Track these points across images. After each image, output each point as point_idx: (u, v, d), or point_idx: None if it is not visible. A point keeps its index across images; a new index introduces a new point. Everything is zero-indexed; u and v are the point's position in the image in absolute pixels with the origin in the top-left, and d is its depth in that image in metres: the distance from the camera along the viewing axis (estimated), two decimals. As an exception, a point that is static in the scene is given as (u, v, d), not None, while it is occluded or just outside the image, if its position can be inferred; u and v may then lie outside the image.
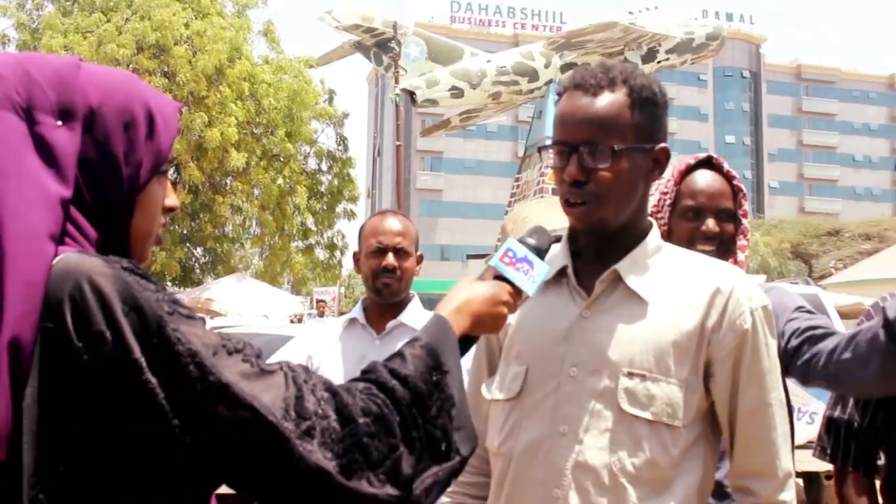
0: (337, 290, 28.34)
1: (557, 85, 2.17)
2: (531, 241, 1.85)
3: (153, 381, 1.20)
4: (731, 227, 2.75)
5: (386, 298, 3.38)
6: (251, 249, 30.57)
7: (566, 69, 20.77)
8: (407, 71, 20.99)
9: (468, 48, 22.17)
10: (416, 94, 20.67)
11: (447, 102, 21.45)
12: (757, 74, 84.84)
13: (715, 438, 2.06)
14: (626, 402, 1.94)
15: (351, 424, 1.29)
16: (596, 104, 1.99)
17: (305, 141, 28.06)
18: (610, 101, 1.99)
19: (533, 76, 20.99)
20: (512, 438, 2.07)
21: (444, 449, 1.40)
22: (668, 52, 22.00)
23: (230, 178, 26.76)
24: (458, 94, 20.84)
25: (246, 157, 25.16)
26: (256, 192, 27.29)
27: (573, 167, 1.98)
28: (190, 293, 23.30)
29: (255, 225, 28.58)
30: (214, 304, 20.58)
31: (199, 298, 21.06)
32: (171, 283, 26.55)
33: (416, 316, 3.38)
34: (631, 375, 1.94)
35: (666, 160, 2.08)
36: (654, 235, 2.11)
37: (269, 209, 27.07)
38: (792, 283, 13.92)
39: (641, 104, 2.01)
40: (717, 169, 2.80)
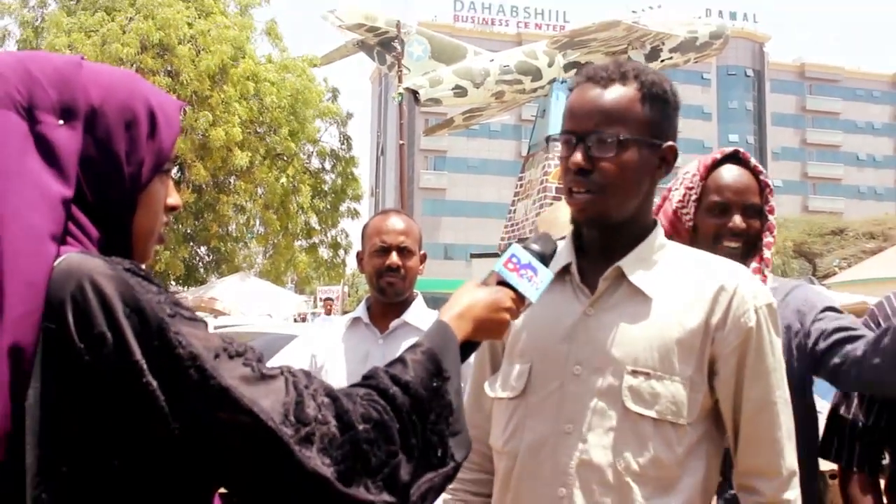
0: (341, 289, 28.36)
1: (569, 82, 2.17)
2: (535, 247, 1.85)
3: (154, 383, 1.20)
4: (757, 223, 2.73)
5: (390, 297, 3.38)
6: (255, 248, 30.59)
7: (569, 68, 20.77)
8: (410, 70, 20.97)
9: (471, 47, 22.14)
10: (419, 93, 20.63)
11: (450, 101, 21.42)
12: (760, 73, 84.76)
13: (720, 437, 2.05)
14: (630, 400, 1.93)
15: (351, 431, 1.29)
16: (606, 95, 2.00)
17: (309, 140, 28.10)
18: (620, 93, 2.00)
19: (536, 75, 20.97)
20: (516, 437, 2.07)
21: (440, 455, 1.41)
22: (671, 50, 21.97)
23: (234, 177, 26.81)
24: (461, 93, 20.81)
25: (249, 156, 25.21)
26: (260, 191, 27.35)
27: (579, 155, 1.98)
28: (194, 292, 23.39)
29: (258, 224, 28.65)
30: (218, 303, 20.63)
31: (202, 297, 21.13)
32: (175, 282, 26.62)
33: (419, 315, 3.38)
34: (635, 373, 1.94)
35: (674, 159, 2.08)
36: (658, 233, 2.11)
37: (272, 208, 27.12)
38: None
39: (652, 99, 2.02)
40: (743, 163, 2.78)
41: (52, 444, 1.19)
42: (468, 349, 1.67)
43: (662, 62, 21.92)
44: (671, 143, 2.06)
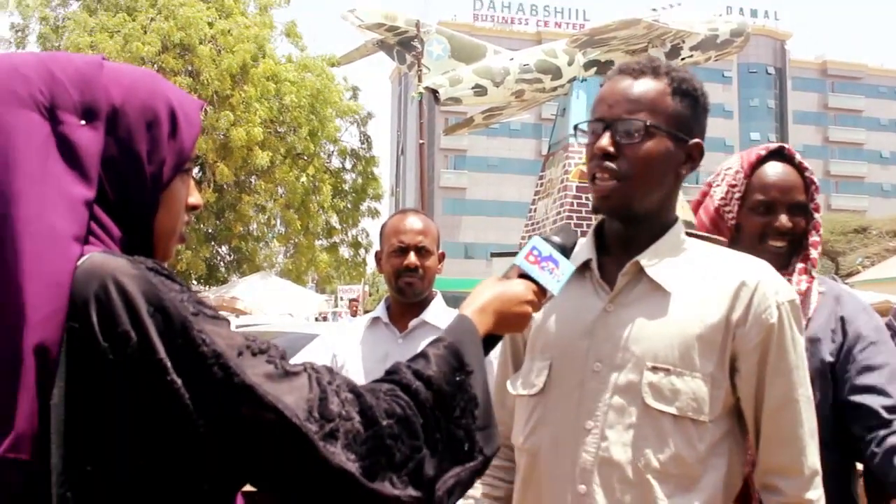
0: (361, 288, 28.39)
1: (598, 79, 2.17)
2: (557, 239, 1.84)
3: (178, 381, 1.20)
4: (802, 221, 2.67)
5: (409, 297, 3.38)
6: (276, 248, 30.69)
7: (589, 66, 20.70)
8: (430, 69, 20.92)
9: (491, 46, 22.08)
10: (439, 92, 20.60)
11: (470, 100, 21.36)
12: (782, 71, 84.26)
13: (742, 434, 2.04)
14: (650, 396, 1.93)
15: (374, 426, 1.29)
16: (636, 86, 2.02)
17: (329, 139, 28.14)
18: (650, 84, 2.01)
19: (556, 74, 20.89)
20: (536, 434, 2.07)
21: (466, 449, 1.40)
22: (692, 48, 21.84)
23: (255, 176, 26.88)
24: (481, 92, 20.76)
25: (270, 155, 25.27)
26: (281, 190, 27.42)
27: (605, 140, 1.99)
28: (215, 291, 23.45)
29: (279, 223, 28.74)
30: (239, 302, 20.68)
31: (224, 297, 21.17)
32: (196, 281, 26.70)
33: (439, 314, 3.38)
34: (655, 370, 1.93)
35: (699, 156, 2.07)
36: (679, 229, 2.10)
37: (293, 207, 27.18)
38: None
39: (681, 94, 2.02)
40: (788, 160, 2.71)
41: (76, 443, 1.20)
42: (491, 343, 1.67)
43: (683, 60, 21.80)
44: (698, 140, 2.06)
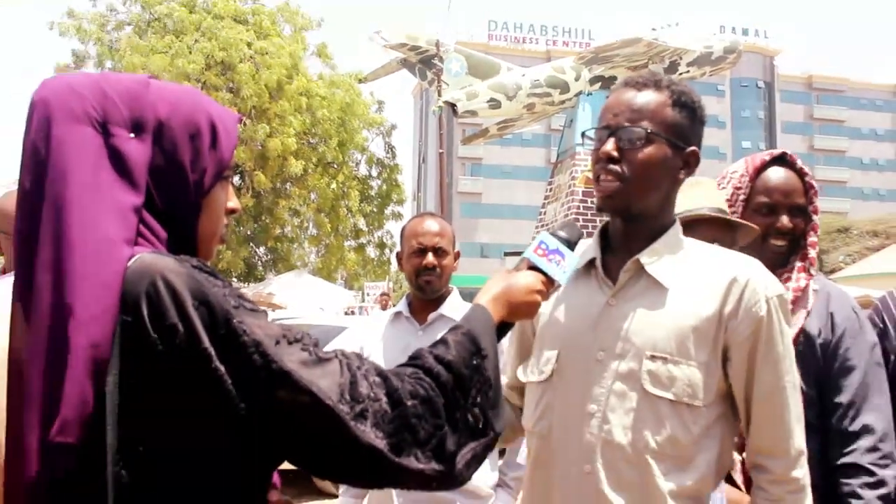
0: (386, 284, 28.42)
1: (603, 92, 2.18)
2: (563, 233, 1.87)
3: (221, 368, 1.22)
4: (802, 222, 2.68)
5: (428, 294, 3.41)
6: (308, 248, 30.72)
7: (594, 82, 20.66)
8: (449, 85, 20.91)
9: (504, 63, 22.04)
10: (457, 105, 20.59)
11: (485, 113, 21.34)
12: (771, 84, 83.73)
13: (734, 418, 2.04)
14: (649, 383, 1.93)
15: (400, 406, 1.31)
16: (639, 96, 2.03)
17: (357, 149, 28.21)
18: (652, 96, 2.03)
19: (564, 88, 20.85)
20: (545, 418, 2.08)
21: (481, 426, 1.42)
22: (688, 64, 21.75)
23: (289, 183, 26.97)
24: (495, 105, 20.74)
25: (303, 164, 25.39)
26: (313, 196, 27.53)
27: (610, 145, 2.00)
28: (253, 288, 23.52)
29: (311, 226, 28.82)
30: (275, 297, 20.71)
31: (261, 293, 21.20)
32: (236, 279, 26.82)
33: (455, 308, 3.40)
34: (654, 358, 1.94)
35: (695, 163, 2.07)
36: (676, 229, 2.11)
37: (324, 212, 27.29)
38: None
39: (680, 106, 2.03)
40: (790, 165, 2.73)
41: (129, 425, 1.22)
42: (504, 329, 1.69)
43: (680, 75, 21.71)
44: (695, 148, 2.06)
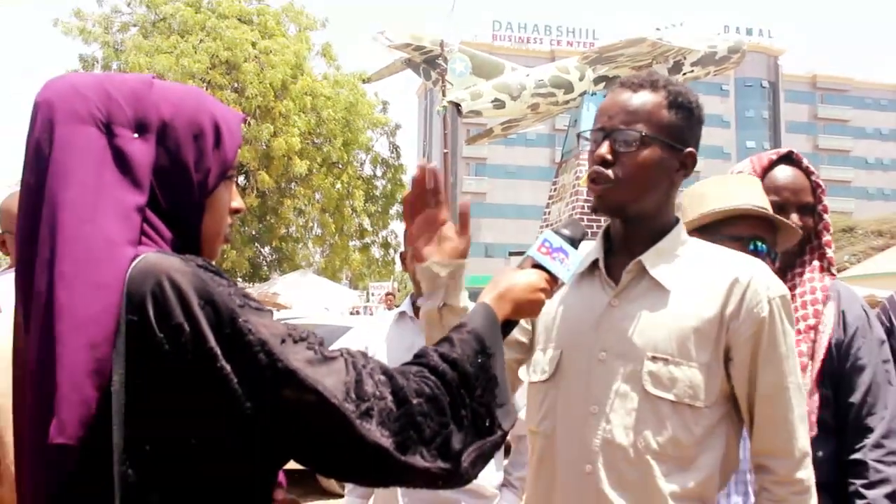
0: (391, 284, 28.43)
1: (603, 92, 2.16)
2: (566, 231, 1.86)
3: (227, 367, 1.22)
4: (811, 221, 2.67)
5: (431, 294, 3.39)
6: (313, 248, 30.75)
7: (598, 81, 20.68)
8: (453, 85, 20.93)
9: (509, 63, 22.06)
10: (461, 105, 20.62)
11: (490, 113, 21.37)
12: (775, 84, 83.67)
13: (738, 419, 2.03)
14: (650, 384, 1.93)
15: (406, 405, 1.31)
16: (634, 98, 2.02)
17: (361, 149, 28.22)
18: (648, 97, 2.02)
19: (568, 88, 20.88)
20: (548, 418, 2.08)
21: (488, 425, 1.42)
22: (692, 64, 21.77)
23: (294, 183, 26.99)
24: (499, 105, 20.77)
25: (308, 164, 25.40)
26: (318, 196, 27.53)
27: (604, 148, 2.00)
28: (258, 288, 23.55)
29: (316, 226, 28.83)
30: (280, 297, 20.70)
31: (266, 293, 21.21)
32: (241, 279, 26.82)
33: None
34: (655, 359, 1.94)
35: (692, 164, 2.06)
36: (678, 229, 2.10)
37: (329, 211, 27.30)
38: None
39: (677, 107, 2.02)
40: (796, 164, 2.73)
41: (136, 424, 1.22)
42: (508, 327, 1.69)
43: (684, 75, 21.72)
44: (692, 149, 2.05)
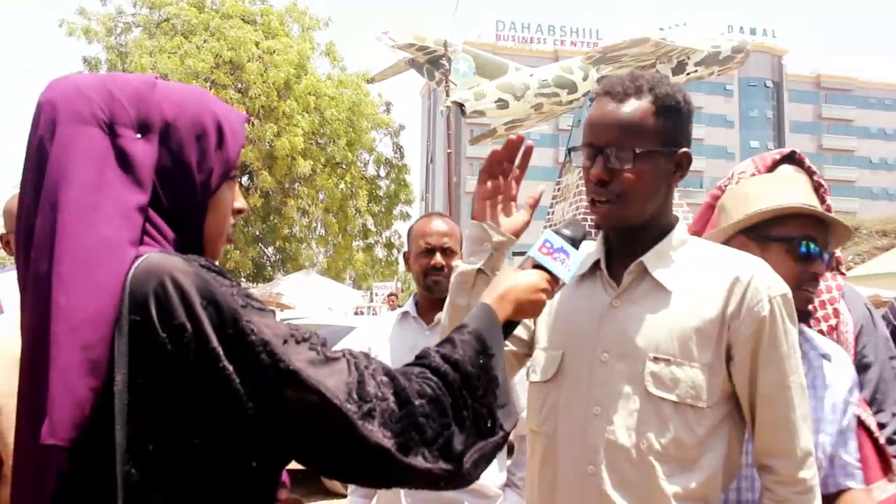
0: (394, 284, 28.44)
1: (590, 94, 2.12)
2: (567, 232, 1.86)
3: (229, 367, 1.22)
4: None
5: (435, 294, 3.39)
6: (317, 248, 30.75)
7: (602, 81, 20.69)
8: (456, 85, 20.96)
9: (512, 63, 22.08)
10: (465, 106, 20.65)
11: (493, 113, 21.40)
12: (779, 84, 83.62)
13: (741, 419, 2.03)
14: (652, 385, 1.93)
15: (408, 406, 1.31)
16: (622, 109, 1.98)
17: (365, 149, 28.22)
18: (635, 107, 1.98)
19: (572, 88, 20.90)
20: (551, 419, 2.07)
21: (489, 425, 1.42)
22: (696, 64, 21.78)
23: (297, 183, 26.99)
24: (503, 105, 20.80)
25: (311, 164, 25.39)
26: (321, 196, 27.51)
27: (598, 168, 1.98)
28: (262, 288, 23.55)
29: (320, 226, 28.81)
30: (284, 297, 20.72)
31: (269, 293, 21.21)
32: (244, 279, 26.83)
33: None
34: (657, 360, 1.93)
35: (688, 164, 2.05)
36: (679, 230, 2.10)
37: (332, 212, 27.29)
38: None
39: (665, 111, 1.99)
40: (799, 164, 2.71)
41: (139, 424, 1.22)
42: (509, 328, 1.69)
43: (688, 75, 21.74)
44: (685, 149, 2.04)
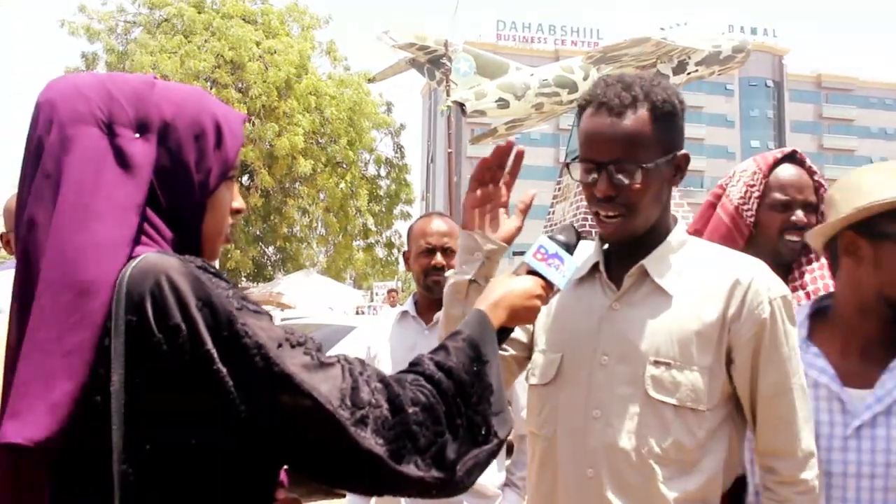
0: (395, 284, 28.46)
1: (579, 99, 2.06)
2: (561, 237, 1.85)
3: (223, 370, 1.22)
4: (814, 219, 2.66)
5: (435, 294, 3.38)
6: (317, 248, 30.77)
7: (603, 81, 20.67)
8: (457, 84, 20.94)
9: (513, 63, 22.06)
10: (465, 105, 20.63)
11: (494, 113, 21.37)
12: (780, 83, 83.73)
13: (741, 420, 2.03)
14: (652, 388, 1.92)
15: (401, 413, 1.30)
16: (621, 124, 1.93)
17: (366, 149, 28.23)
18: (634, 120, 1.93)
19: (573, 88, 20.87)
20: (550, 422, 2.07)
21: (484, 433, 1.41)
22: (697, 64, 21.75)
23: (298, 183, 27.00)
24: (504, 105, 20.77)
25: (312, 163, 25.41)
26: (322, 195, 27.53)
27: (604, 184, 1.94)
28: (262, 288, 23.57)
29: (320, 225, 28.83)
30: (284, 297, 20.74)
31: (270, 292, 21.24)
32: (245, 278, 26.87)
33: None
34: (657, 364, 1.93)
35: (686, 165, 2.04)
36: (678, 231, 2.09)
37: (333, 211, 27.30)
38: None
39: (663, 118, 1.96)
40: (799, 163, 2.74)
41: (135, 424, 1.22)
42: (504, 334, 1.68)
43: (689, 74, 21.72)
44: (683, 151, 2.03)
